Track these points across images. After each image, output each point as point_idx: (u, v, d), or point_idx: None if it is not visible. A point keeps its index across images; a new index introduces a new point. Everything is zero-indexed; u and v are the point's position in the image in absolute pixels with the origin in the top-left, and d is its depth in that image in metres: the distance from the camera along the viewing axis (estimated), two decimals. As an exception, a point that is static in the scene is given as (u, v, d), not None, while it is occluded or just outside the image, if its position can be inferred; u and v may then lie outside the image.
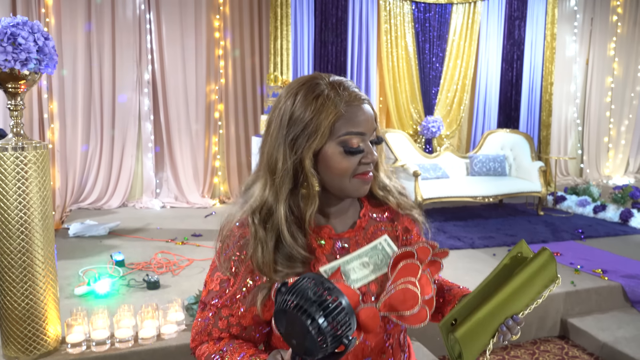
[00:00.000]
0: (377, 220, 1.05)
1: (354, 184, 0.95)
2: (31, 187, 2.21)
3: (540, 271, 1.00)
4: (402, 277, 0.94)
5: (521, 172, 5.83)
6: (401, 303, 0.92)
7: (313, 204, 0.94)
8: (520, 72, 6.84)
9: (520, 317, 1.01)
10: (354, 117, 0.92)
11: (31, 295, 2.26)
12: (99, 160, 5.67)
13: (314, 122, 0.90)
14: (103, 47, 5.51)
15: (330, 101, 0.91)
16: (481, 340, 1.00)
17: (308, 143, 0.91)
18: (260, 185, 0.96)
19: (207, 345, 1.00)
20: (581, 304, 3.39)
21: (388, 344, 1.01)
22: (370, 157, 0.94)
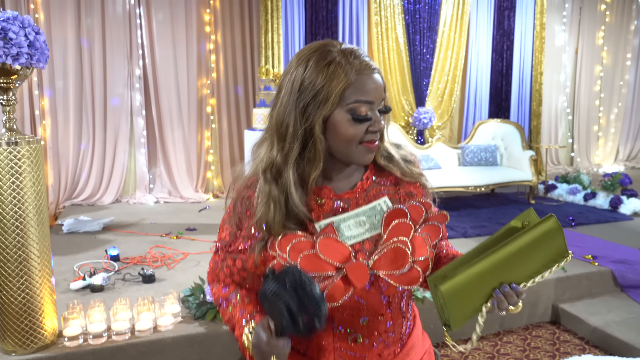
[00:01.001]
0: (380, 184, 1.06)
1: (360, 150, 0.97)
2: (25, 182, 2.22)
3: (544, 239, 0.94)
4: (394, 237, 0.97)
5: (512, 161, 5.88)
6: (391, 262, 0.95)
7: (317, 168, 0.97)
8: (510, 62, 6.88)
9: (521, 287, 0.96)
10: (364, 86, 0.93)
11: (27, 290, 2.28)
12: (91, 156, 5.66)
13: (325, 89, 0.92)
14: (93, 43, 5.49)
15: (341, 69, 0.92)
16: (471, 302, 0.95)
17: (318, 110, 0.93)
18: (267, 147, 0.99)
19: (217, 288, 1.12)
20: (572, 290, 3.45)
21: (386, 306, 1.02)
22: (377, 126, 0.96)
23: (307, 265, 0.93)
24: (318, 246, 0.94)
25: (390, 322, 1.04)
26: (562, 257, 0.97)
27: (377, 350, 1.04)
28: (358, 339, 1.02)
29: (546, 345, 3.10)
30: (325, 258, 0.94)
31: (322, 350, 1.03)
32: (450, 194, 6.13)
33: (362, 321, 1.01)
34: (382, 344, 1.04)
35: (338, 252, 0.95)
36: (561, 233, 0.95)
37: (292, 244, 0.95)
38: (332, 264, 0.94)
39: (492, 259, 0.92)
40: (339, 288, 0.93)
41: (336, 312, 0.99)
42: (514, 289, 0.96)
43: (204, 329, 2.56)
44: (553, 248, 0.96)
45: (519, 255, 0.93)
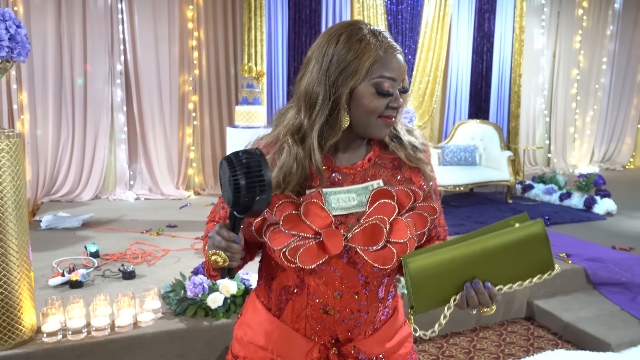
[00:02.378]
0: (381, 166, 1.11)
1: (379, 124, 1.04)
2: (4, 177, 2.20)
3: (527, 243, 0.88)
4: (375, 215, 1.02)
5: (491, 161, 5.99)
6: (368, 238, 1.00)
7: (336, 135, 1.04)
8: (490, 64, 7.00)
9: (496, 289, 0.92)
10: (389, 63, 1.00)
11: (5, 285, 2.26)
12: (70, 151, 5.60)
13: (354, 63, 0.99)
14: (74, 37, 5.42)
15: (371, 45, 0.99)
16: (439, 290, 0.91)
17: (347, 81, 1.00)
18: (293, 113, 1.06)
19: (211, 224, 1.17)
20: (546, 287, 3.54)
21: (363, 286, 1.05)
22: (397, 103, 1.02)
23: (288, 223, 0.99)
24: (302, 209, 1.00)
25: (364, 303, 1.07)
26: (547, 269, 0.91)
27: (347, 326, 1.08)
28: (330, 311, 1.06)
29: (521, 341, 3.18)
30: (307, 221, 1.00)
31: (296, 316, 1.08)
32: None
33: (336, 294, 1.04)
34: (353, 321, 1.07)
35: (321, 218, 1.00)
36: (546, 242, 0.89)
37: (279, 203, 1.01)
38: (311, 228, 1.00)
39: (468, 249, 0.89)
40: (312, 251, 0.98)
41: (312, 279, 1.04)
42: (487, 288, 0.93)
43: (185, 325, 2.57)
44: (537, 257, 0.90)
45: (498, 253, 0.89)
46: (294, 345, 1.08)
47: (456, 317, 3.25)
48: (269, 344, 1.11)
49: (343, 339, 1.09)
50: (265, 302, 1.14)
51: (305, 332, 1.08)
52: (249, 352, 1.12)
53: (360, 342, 1.10)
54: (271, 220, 1.02)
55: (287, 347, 1.09)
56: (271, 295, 1.12)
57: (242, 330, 1.16)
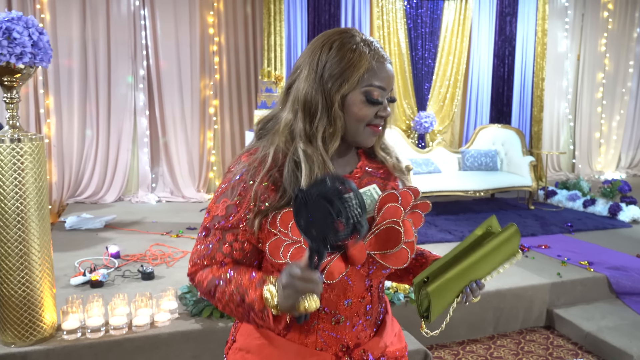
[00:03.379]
0: (372, 174, 1.14)
1: (366, 132, 1.06)
2: (27, 178, 2.27)
3: (505, 243, 1.11)
4: (387, 219, 1.03)
5: (512, 166, 5.91)
6: (385, 242, 1.01)
7: (336, 142, 1.04)
8: (512, 68, 6.91)
9: (482, 282, 1.13)
10: (380, 73, 1.03)
11: (27, 283, 2.33)
12: (95, 154, 5.72)
13: (348, 72, 1.01)
14: (98, 43, 5.56)
15: (363, 55, 1.01)
16: (447, 297, 1.10)
17: (340, 89, 1.01)
18: (289, 120, 1.04)
19: (210, 270, 1.05)
20: (566, 295, 3.47)
21: (367, 289, 1.08)
22: (386, 112, 1.05)
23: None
24: None
25: (369, 306, 1.10)
26: (514, 256, 1.16)
27: (356, 332, 1.09)
28: (340, 320, 1.07)
29: (539, 350, 3.13)
30: None
31: (305, 332, 1.07)
32: (449, 198, 6.16)
33: (346, 303, 1.06)
34: (360, 326, 1.09)
35: None
36: (518, 238, 1.13)
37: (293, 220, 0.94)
38: None
39: (466, 263, 1.09)
40: (338, 266, 0.98)
41: (324, 292, 1.03)
42: (479, 284, 1.12)
43: (200, 326, 2.60)
44: (510, 250, 1.14)
45: (485, 258, 1.10)
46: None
47: (473, 324, 3.22)
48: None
49: (352, 344, 1.09)
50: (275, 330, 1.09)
51: (316, 345, 1.07)
52: None
53: (367, 344, 1.11)
54: (289, 240, 0.98)
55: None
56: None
57: (240, 355, 1.12)
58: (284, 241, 0.98)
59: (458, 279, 1.09)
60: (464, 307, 1.18)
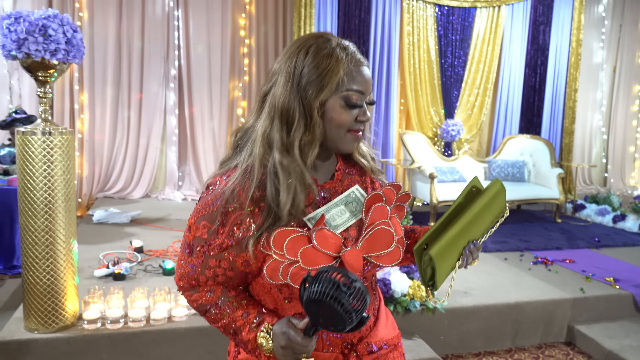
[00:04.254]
0: (350, 173, 1.14)
1: (348, 138, 1.04)
2: (56, 170, 2.35)
3: (493, 200, 1.12)
4: (375, 220, 1.04)
5: (540, 178, 5.80)
6: (377, 243, 1.03)
7: (315, 150, 1.01)
8: (544, 78, 6.79)
9: (479, 243, 1.14)
10: (357, 76, 1.02)
11: (52, 272, 2.40)
12: (125, 151, 5.87)
13: (325, 77, 0.99)
14: (132, 42, 5.70)
15: (340, 59, 1.00)
16: (449, 260, 1.10)
17: (318, 95, 0.99)
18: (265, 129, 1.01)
19: (198, 295, 1.06)
20: (589, 311, 3.39)
21: None
22: (365, 116, 1.04)
23: (308, 259, 0.96)
24: (315, 239, 0.98)
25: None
26: (502, 213, 1.18)
27: None
28: None
29: (558, 365, 3.06)
30: (323, 250, 0.98)
31: None
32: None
33: None
34: None
35: (332, 242, 1.00)
36: (504, 193, 1.15)
37: (288, 240, 0.96)
38: (329, 255, 0.99)
39: (461, 223, 1.09)
40: None
41: None
42: (475, 245, 1.14)
43: (216, 323, 2.64)
44: (498, 207, 1.15)
45: (478, 216, 1.11)
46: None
47: (490, 336, 3.17)
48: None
49: (356, 340, 1.11)
50: None
51: (322, 348, 1.09)
52: None
53: (369, 336, 1.13)
54: (287, 261, 0.97)
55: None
56: None
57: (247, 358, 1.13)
58: (281, 262, 0.96)
59: (457, 239, 1.09)
60: (482, 318, 1.19)
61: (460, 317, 3.07)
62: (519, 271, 3.81)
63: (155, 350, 2.55)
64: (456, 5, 6.29)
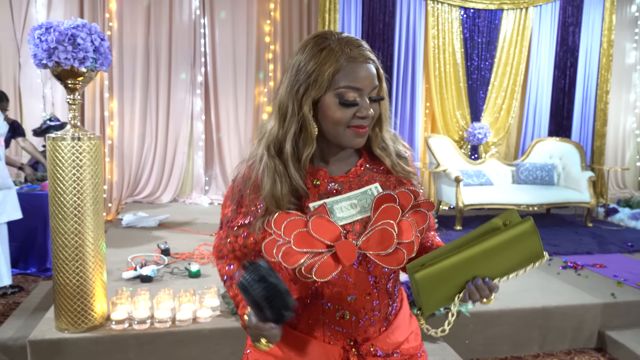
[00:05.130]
0: (373, 171, 1.12)
1: (348, 134, 1.03)
2: (85, 174, 2.42)
3: (519, 240, 0.97)
4: (382, 219, 1.02)
5: (570, 182, 5.68)
6: (378, 243, 1.01)
7: (310, 147, 1.03)
8: (574, 80, 6.65)
9: (493, 282, 1.00)
10: (353, 73, 0.99)
11: (81, 274, 2.48)
12: (153, 156, 5.99)
13: (315, 73, 0.99)
14: (160, 50, 5.84)
15: (332, 54, 0.99)
16: (444, 291, 1.00)
17: (308, 91, 1.00)
18: (271, 124, 1.07)
19: (221, 265, 1.21)
20: (621, 317, 3.29)
21: (373, 286, 1.08)
22: (365, 112, 1.01)
23: (299, 241, 0.99)
24: (311, 225, 1.00)
25: (376, 302, 1.09)
26: (538, 258, 1.00)
27: (363, 327, 1.09)
28: (345, 315, 1.08)
29: (588, 372, 2.98)
30: (317, 236, 1.00)
31: (312, 325, 1.10)
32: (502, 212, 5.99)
33: (350, 299, 1.07)
34: (368, 321, 1.09)
35: (329, 231, 1.01)
36: (536, 235, 0.98)
37: (286, 222, 1.01)
38: (323, 242, 1.00)
39: (467, 253, 0.97)
40: (328, 265, 0.99)
41: (325, 288, 1.06)
42: (487, 283, 1.00)
43: (239, 324, 2.67)
44: (528, 249, 0.98)
45: (494, 252, 0.97)
46: (313, 352, 1.11)
47: (517, 341, 3.11)
48: (287, 354, 1.12)
49: (360, 339, 1.11)
50: None
51: (324, 338, 1.10)
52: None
53: (377, 339, 1.11)
54: (282, 240, 1.01)
55: (305, 356, 1.11)
56: None
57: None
58: (277, 241, 1.01)
59: (455, 271, 0.98)
60: (508, 322, 1.09)
61: (485, 322, 3.03)
62: (546, 275, 3.73)
63: (180, 351, 2.60)
64: (482, 7, 6.23)
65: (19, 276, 4.09)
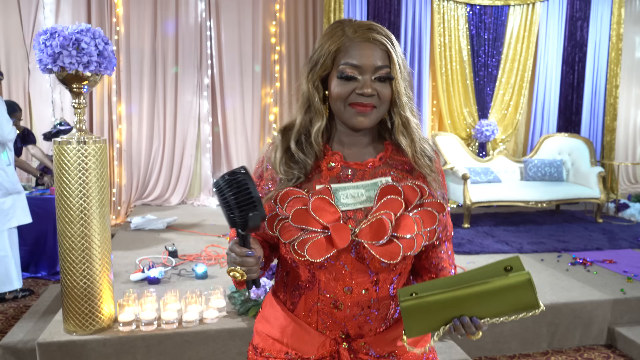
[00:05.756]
0: (392, 166, 1.13)
1: (349, 112, 1.06)
2: (90, 177, 2.45)
3: (513, 290, 0.96)
4: (382, 210, 1.03)
5: (579, 177, 5.63)
6: (374, 232, 1.01)
7: (318, 121, 1.09)
8: (583, 75, 6.59)
9: (481, 322, 0.99)
10: (354, 51, 1.03)
11: (89, 276, 2.50)
12: (161, 159, 6.03)
13: (319, 52, 1.07)
14: (167, 54, 5.88)
15: (336, 35, 1.05)
16: (429, 322, 1.01)
17: (316, 70, 1.07)
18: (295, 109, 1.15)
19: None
20: (631, 313, 3.26)
21: (373, 282, 1.08)
22: (364, 89, 1.03)
23: (297, 218, 1.03)
24: (311, 204, 1.03)
25: (374, 299, 1.09)
26: (532, 308, 0.99)
27: (358, 322, 1.09)
28: (340, 306, 1.08)
29: (598, 369, 2.96)
30: (315, 216, 1.02)
31: (308, 310, 1.11)
32: (511, 209, 5.96)
33: (346, 290, 1.07)
34: (363, 317, 1.09)
35: (329, 213, 1.03)
36: (531, 289, 0.96)
37: (290, 199, 1.06)
38: (320, 222, 1.02)
39: (458, 293, 0.97)
40: (320, 244, 1.01)
41: (322, 274, 1.07)
42: (474, 322, 0.99)
43: (246, 325, 2.68)
44: (522, 300, 0.98)
45: (485, 297, 0.97)
46: (307, 338, 1.12)
47: (526, 338, 3.09)
48: (284, 337, 1.14)
49: (354, 334, 1.11)
50: (282, 297, 1.18)
51: (317, 326, 1.11)
52: (266, 345, 1.16)
53: (371, 339, 1.11)
54: (282, 216, 1.06)
55: (300, 341, 1.12)
56: (286, 290, 1.16)
57: (261, 324, 1.20)
58: (278, 215, 1.06)
59: (442, 307, 0.99)
60: (516, 320, 1.08)
61: (493, 320, 3.01)
62: (555, 272, 3.70)
63: (187, 352, 2.61)
64: (488, 4, 6.20)
65: (30, 280, 4.15)
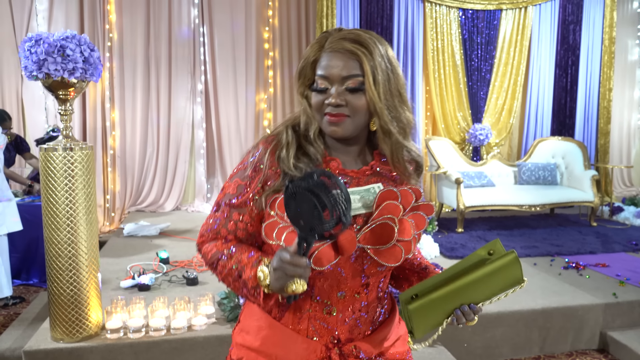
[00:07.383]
0: (382, 174, 1.13)
1: (324, 122, 1.07)
2: (77, 184, 2.44)
3: (503, 270, 1.07)
4: (383, 215, 1.03)
5: (573, 181, 5.63)
6: (379, 237, 1.02)
7: (312, 124, 1.10)
8: (576, 78, 6.61)
9: (477, 306, 1.10)
10: (323, 62, 1.05)
11: (75, 283, 2.49)
12: (155, 165, 6.02)
13: (303, 62, 1.09)
14: (160, 60, 5.88)
15: (318, 44, 1.07)
16: (434, 318, 1.09)
17: (300, 79, 1.10)
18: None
19: (215, 244, 1.12)
20: (623, 317, 3.25)
21: (364, 286, 1.09)
22: (330, 100, 1.04)
23: None
24: None
25: (365, 303, 1.10)
26: (518, 283, 1.10)
27: (349, 326, 1.09)
28: (332, 311, 1.08)
29: (590, 374, 2.95)
30: None
31: (298, 317, 1.09)
32: (505, 213, 5.96)
33: (340, 295, 1.07)
34: (354, 321, 1.10)
35: None
36: (519, 265, 1.08)
37: None
38: None
39: (456, 284, 1.07)
40: (327, 253, 0.99)
41: (317, 280, 1.06)
42: (472, 308, 1.10)
43: (235, 331, 2.67)
44: (511, 277, 1.09)
45: (481, 282, 1.07)
46: (295, 347, 1.09)
47: (517, 343, 3.08)
48: (269, 348, 1.10)
49: (344, 339, 1.10)
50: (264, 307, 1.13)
51: (307, 333, 1.09)
52: (249, 358, 1.12)
53: (360, 342, 1.11)
54: (283, 224, 1.01)
55: (287, 350, 1.10)
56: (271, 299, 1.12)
57: (241, 337, 1.16)
58: (279, 224, 1.02)
59: (445, 301, 1.08)
60: (507, 324, 1.17)
61: (484, 324, 3.00)
62: (547, 276, 3.69)
63: (175, 359, 2.59)
64: (480, 8, 6.22)
65: (21, 287, 4.13)
